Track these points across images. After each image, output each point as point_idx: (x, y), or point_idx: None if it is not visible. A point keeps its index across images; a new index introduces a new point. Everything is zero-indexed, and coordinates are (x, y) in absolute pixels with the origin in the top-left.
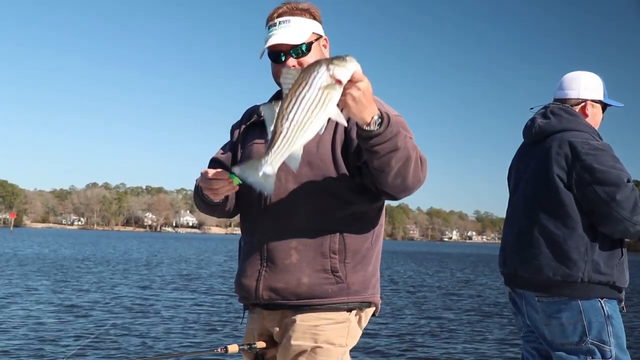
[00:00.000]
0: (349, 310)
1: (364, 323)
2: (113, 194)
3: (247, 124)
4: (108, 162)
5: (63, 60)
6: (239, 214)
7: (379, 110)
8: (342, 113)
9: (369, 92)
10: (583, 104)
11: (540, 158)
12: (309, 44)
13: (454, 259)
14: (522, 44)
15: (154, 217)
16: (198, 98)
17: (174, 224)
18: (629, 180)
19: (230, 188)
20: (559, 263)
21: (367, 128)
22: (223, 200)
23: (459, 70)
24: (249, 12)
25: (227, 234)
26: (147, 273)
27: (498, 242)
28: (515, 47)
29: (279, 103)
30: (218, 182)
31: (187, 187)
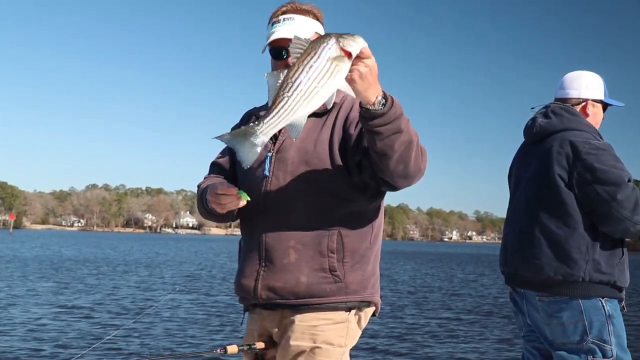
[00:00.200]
0: (348, 310)
1: (364, 323)
2: (113, 195)
3: None
4: (108, 163)
5: (62, 61)
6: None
7: (383, 91)
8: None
9: (375, 70)
10: (584, 104)
11: (541, 157)
12: None
13: (454, 259)
14: (522, 44)
15: (154, 218)
16: (198, 99)
17: (174, 225)
18: (630, 180)
19: (238, 203)
20: (560, 262)
21: (370, 107)
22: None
23: (459, 70)
24: (250, 12)
25: (227, 235)
26: (146, 274)
27: (498, 242)
28: (515, 46)
29: (285, 71)
30: (227, 197)
31: (187, 188)
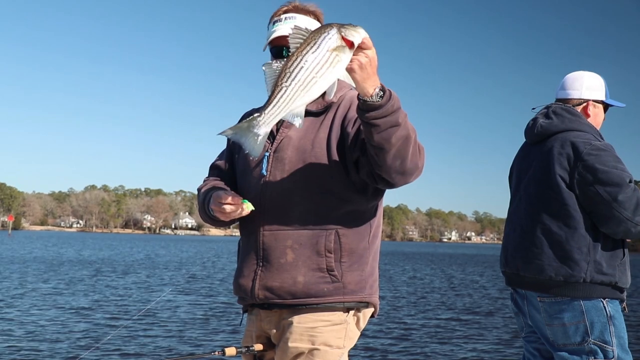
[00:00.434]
0: (346, 311)
1: (362, 324)
2: (112, 196)
3: None
4: (107, 164)
5: (62, 61)
6: None
7: (381, 84)
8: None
9: (375, 62)
10: (585, 104)
11: (542, 158)
12: None
13: (453, 260)
14: (522, 44)
15: (153, 219)
16: (197, 100)
17: (173, 226)
18: (631, 181)
19: (242, 213)
20: (561, 263)
21: (368, 99)
22: None
23: (458, 71)
24: (249, 14)
25: (226, 236)
26: (146, 274)
27: (497, 242)
28: (515, 46)
29: (282, 62)
30: (231, 207)
31: (185, 189)
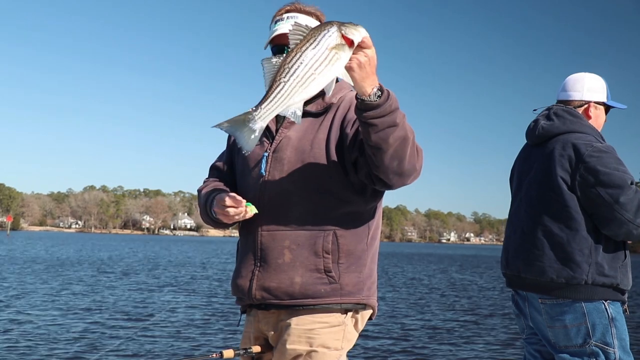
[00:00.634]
0: (344, 313)
1: (361, 326)
2: (111, 197)
3: None
4: (105, 164)
5: (60, 62)
6: None
7: (379, 84)
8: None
9: (374, 61)
10: (586, 106)
11: (544, 160)
12: None
13: (453, 261)
14: (522, 45)
15: (152, 219)
16: (196, 100)
17: (172, 227)
18: (633, 183)
19: (245, 216)
20: (563, 265)
21: (366, 99)
22: None
23: (458, 71)
24: (249, 15)
25: (225, 237)
26: (145, 275)
27: (496, 243)
28: (515, 47)
29: (281, 57)
30: (235, 209)
31: (184, 189)
